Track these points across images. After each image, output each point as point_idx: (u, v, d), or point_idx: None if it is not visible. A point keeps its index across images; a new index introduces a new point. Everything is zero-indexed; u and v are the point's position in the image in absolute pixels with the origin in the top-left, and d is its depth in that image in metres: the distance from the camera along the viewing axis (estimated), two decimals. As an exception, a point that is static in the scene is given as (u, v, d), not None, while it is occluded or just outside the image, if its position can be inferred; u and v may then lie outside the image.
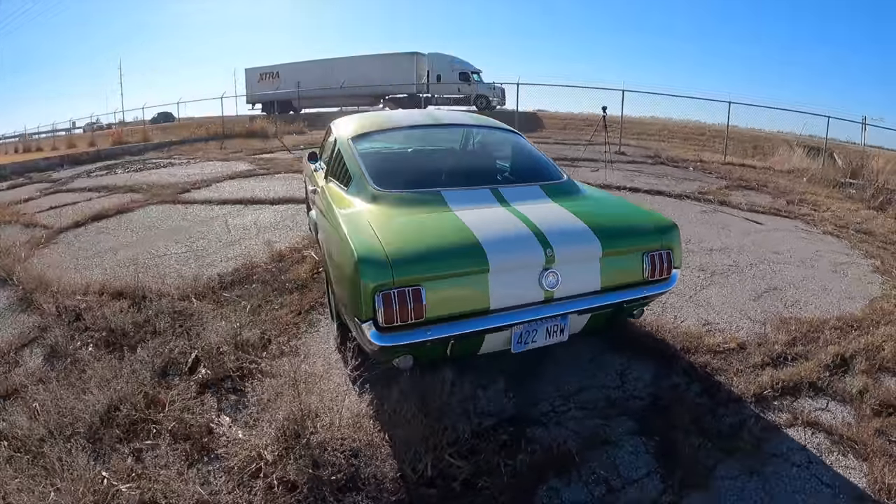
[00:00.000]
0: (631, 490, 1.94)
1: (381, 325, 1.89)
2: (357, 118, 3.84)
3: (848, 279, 4.42)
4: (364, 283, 1.87)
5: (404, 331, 1.91)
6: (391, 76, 22.72)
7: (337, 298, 2.42)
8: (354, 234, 2.13)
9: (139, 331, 3.12)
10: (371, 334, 1.88)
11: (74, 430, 2.05)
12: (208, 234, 5.34)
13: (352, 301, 1.97)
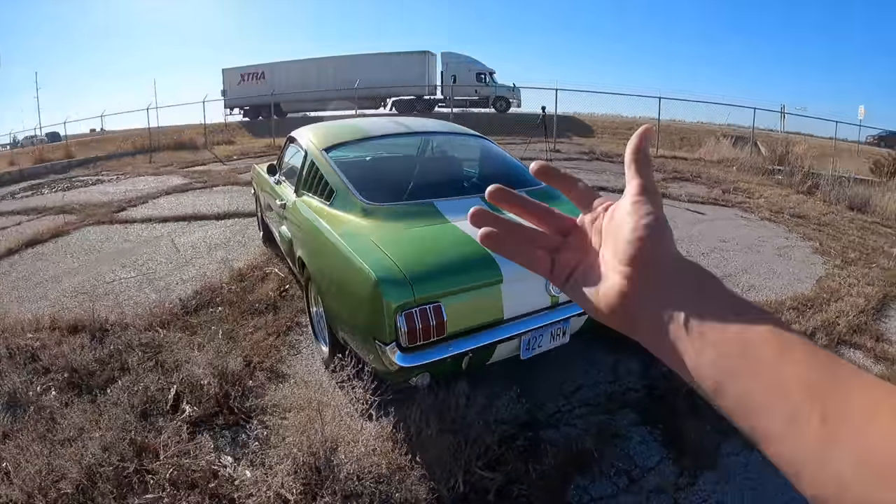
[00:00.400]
0: (650, 477, 2.04)
1: (404, 346, 1.84)
2: (323, 127, 3.72)
3: (793, 262, 4.80)
4: (387, 304, 1.81)
5: (427, 349, 1.87)
6: (399, 76, 21.10)
7: (339, 322, 2.33)
8: (363, 253, 2.05)
9: (105, 368, 2.85)
10: (397, 357, 1.82)
11: (60, 491, 1.83)
12: (156, 255, 5.01)
13: (369, 324, 1.90)
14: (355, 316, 2.09)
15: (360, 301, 1.98)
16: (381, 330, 1.84)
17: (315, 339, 3.03)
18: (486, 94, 21.99)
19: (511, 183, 2.81)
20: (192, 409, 2.45)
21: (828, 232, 5.92)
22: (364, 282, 1.91)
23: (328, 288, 2.41)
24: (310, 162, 3.08)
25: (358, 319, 2.06)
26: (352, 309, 2.12)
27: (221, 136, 17.09)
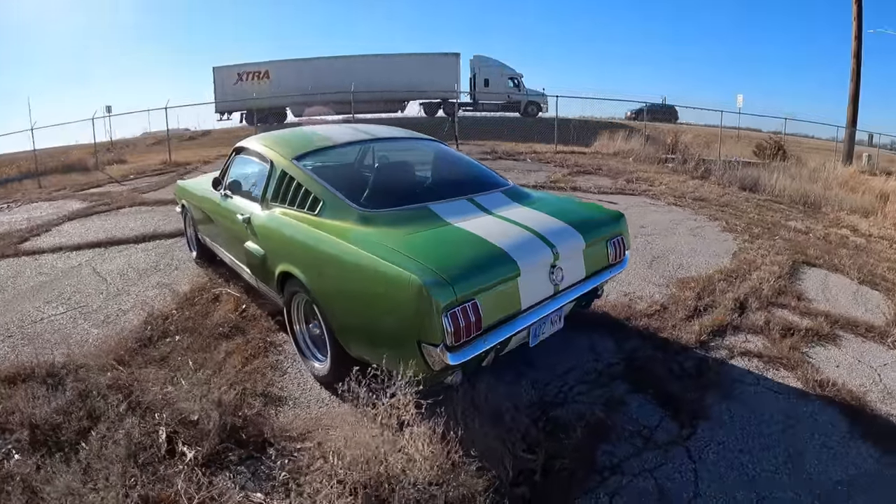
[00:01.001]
0: (659, 434, 2.34)
1: (450, 345, 1.90)
2: (282, 136, 3.60)
3: (707, 240, 5.45)
4: (435, 305, 1.85)
5: (469, 345, 1.95)
6: (424, 79, 19.46)
7: (356, 335, 2.32)
8: (393, 259, 2.05)
9: (71, 419, 2.52)
10: (449, 357, 1.88)
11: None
12: (81, 286, 4.53)
13: (411, 328, 1.93)
14: (387, 324, 2.10)
15: (397, 307, 1.99)
16: (429, 331, 1.89)
17: (303, 357, 2.94)
18: (518, 99, 21.68)
19: (484, 184, 2.94)
20: (192, 450, 2.26)
21: (729, 211, 6.79)
22: (404, 286, 1.93)
23: (341, 301, 2.36)
24: (279, 172, 2.98)
25: (392, 326, 2.06)
26: (382, 317, 2.12)
27: (111, 156, 15.54)
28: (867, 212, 7.40)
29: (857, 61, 13.99)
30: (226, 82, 21.22)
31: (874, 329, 3.42)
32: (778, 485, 2.08)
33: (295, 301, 2.83)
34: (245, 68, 21.28)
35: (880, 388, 2.77)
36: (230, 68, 21.44)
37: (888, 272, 4.66)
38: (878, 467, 2.19)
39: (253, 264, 3.15)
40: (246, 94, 19.62)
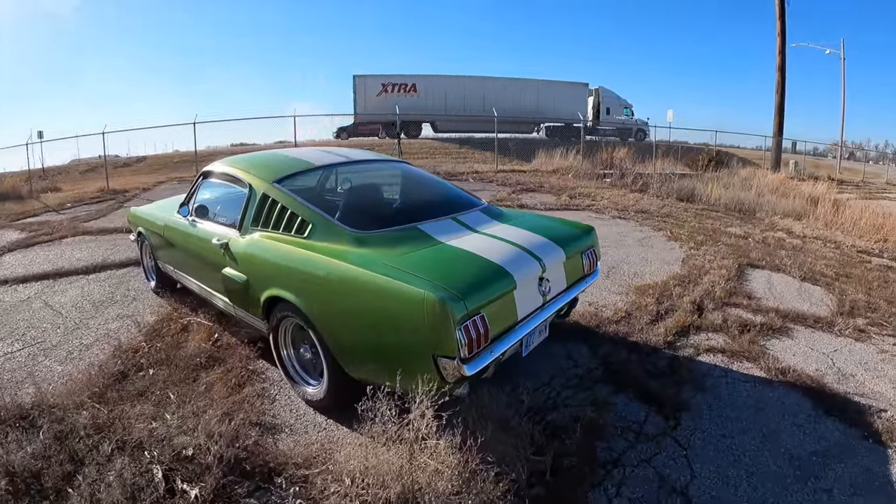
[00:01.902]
0: (647, 427, 2.53)
1: (463, 357, 1.97)
2: (256, 159, 3.56)
3: (655, 249, 5.83)
4: (453, 318, 1.92)
5: (478, 356, 2.04)
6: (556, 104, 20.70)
7: (360, 354, 2.34)
8: (401, 277, 2.10)
9: (51, 464, 2.35)
10: (466, 367, 1.95)
11: None
12: (35, 321, 4.23)
13: (425, 343, 1.99)
14: (398, 341, 2.13)
15: (411, 323, 2.03)
16: (445, 345, 1.95)
17: (292, 382, 2.90)
18: (629, 126, 23.64)
19: (464, 204, 3.05)
20: (195, 487, 2.15)
21: (671, 221, 7.28)
22: (418, 303, 1.98)
23: (343, 322, 2.36)
24: (260, 196, 2.94)
25: (404, 343, 2.10)
26: (392, 334, 2.15)
27: (45, 184, 14.57)
28: (799, 215, 8.18)
29: (781, 74, 15.38)
30: (368, 92, 21.12)
31: (821, 320, 3.84)
32: (761, 460, 2.32)
33: (283, 326, 2.79)
34: (391, 80, 21.57)
35: (834, 371, 3.13)
36: (374, 78, 21.50)
37: (826, 269, 5.22)
38: (844, 438, 2.48)
39: (232, 291, 3.05)
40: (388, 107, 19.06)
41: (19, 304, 4.67)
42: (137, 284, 5.02)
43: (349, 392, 2.49)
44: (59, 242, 7.43)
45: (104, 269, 5.70)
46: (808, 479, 2.20)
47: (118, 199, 11.05)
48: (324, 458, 2.26)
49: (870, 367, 3.18)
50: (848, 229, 7.08)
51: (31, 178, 14.02)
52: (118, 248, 6.60)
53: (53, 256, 6.45)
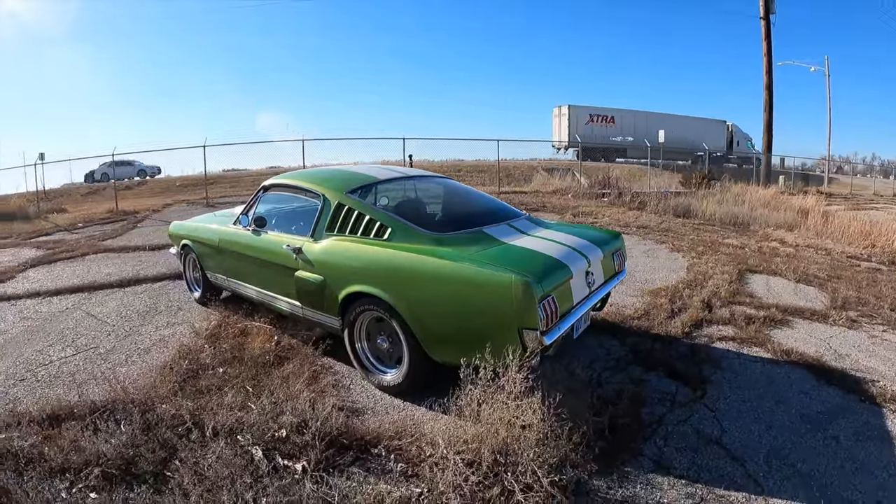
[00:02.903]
0: (679, 396, 2.98)
1: (543, 330, 2.40)
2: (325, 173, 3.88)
3: (660, 259, 6.31)
4: (537, 296, 2.36)
5: (552, 330, 2.48)
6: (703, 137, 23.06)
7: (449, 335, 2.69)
8: (489, 267, 2.53)
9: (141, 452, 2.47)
10: (546, 337, 2.40)
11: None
12: (81, 329, 4.37)
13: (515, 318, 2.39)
14: (486, 319, 2.51)
15: (500, 302, 2.42)
16: (530, 319, 2.37)
17: (366, 372, 3.20)
18: (751, 155, 26.21)
19: (510, 213, 3.52)
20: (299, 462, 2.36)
21: (672, 235, 7.81)
22: (507, 285, 2.40)
23: (432, 309, 2.71)
24: (335, 205, 3.30)
25: (493, 320, 2.49)
26: (482, 314, 2.53)
27: (51, 205, 14.72)
28: (791, 226, 8.79)
29: (769, 93, 16.26)
30: (579, 120, 25.47)
31: (816, 313, 4.34)
32: (777, 418, 2.76)
33: (359, 320, 3.13)
34: (595, 111, 25.63)
35: (832, 352, 3.60)
36: (584, 109, 25.72)
37: (818, 272, 5.77)
38: (844, 402, 2.94)
39: (305, 292, 3.34)
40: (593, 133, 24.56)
41: (59, 314, 4.81)
42: (178, 296, 5.22)
43: (425, 376, 2.88)
44: (81, 259, 7.57)
45: (139, 283, 5.84)
46: (817, 430, 2.64)
47: (130, 220, 11.24)
48: (413, 431, 2.57)
49: (863, 348, 3.66)
50: (838, 237, 7.67)
51: (33, 200, 14.16)
52: (145, 264, 6.80)
53: (81, 271, 6.59)
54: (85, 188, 19.11)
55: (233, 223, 4.21)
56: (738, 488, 2.21)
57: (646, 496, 2.17)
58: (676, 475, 2.30)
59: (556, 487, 2.08)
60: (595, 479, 2.25)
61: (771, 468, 2.34)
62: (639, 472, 2.31)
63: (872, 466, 2.34)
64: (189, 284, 5.14)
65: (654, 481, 2.26)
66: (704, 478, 2.28)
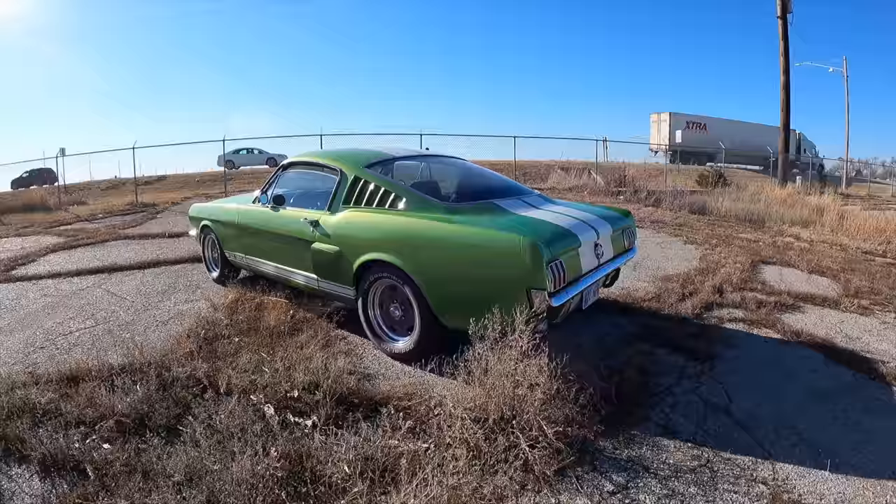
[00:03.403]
0: (688, 370, 3.00)
1: (551, 292, 2.45)
2: (337, 151, 4.00)
3: (674, 250, 6.30)
4: (545, 257, 2.42)
5: (560, 293, 2.52)
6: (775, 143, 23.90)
7: (461, 298, 2.76)
8: (500, 231, 2.62)
9: (156, 408, 2.54)
10: (553, 299, 2.45)
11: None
12: (101, 305, 4.50)
13: (524, 278, 2.45)
14: (497, 280, 2.58)
15: (510, 263, 2.49)
16: (538, 279, 2.43)
17: (378, 340, 3.27)
18: (815, 161, 28.16)
19: (520, 189, 3.60)
20: (309, 418, 2.42)
21: (686, 230, 7.80)
22: (516, 246, 2.47)
23: (445, 274, 2.79)
24: (351, 179, 3.40)
25: (503, 281, 2.55)
26: (492, 275, 2.60)
27: (71, 197, 15.08)
28: (806, 223, 8.72)
29: (786, 93, 16.08)
30: (678, 126, 28.24)
31: (828, 300, 4.32)
32: (784, 391, 2.77)
33: (373, 289, 3.21)
34: (691, 119, 28.83)
35: (843, 335, 3.59)
36: (682, 116, 28.61)
37: (832, 264, 5.72)
38: (854, 379, 2.93)
39: (321, 263, 3.44)
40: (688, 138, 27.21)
41: (79, 291, 4.95)
42: (197, 276, 5.36)
43: (436, 344, 2.94)
44: (101, 245, 7.75)
45: (158, 265, 5.99)
46: (825, 404, 2.64)
47: (150, 212, 11.45)
48: (422, 393, 2.63)
49: (874, 333, 3.63)
50: (853, 234, 7.57)
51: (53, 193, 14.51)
52: (165, 249, 6.95)
53: (101, 255, 6.73)
54: (105, 182, 19.48)
55: (252, 202, 4.33)
56: (745, 452, 2.22)
57: (652, 457, 2.19)
58: (683, 439, 2.32)
59: (562, 441, 2.11)
60: (601, 439, 2.28)
61: (779, 436, 2.35)
62: (645, 435, 2.34)
63: (882, 438, 2.33)
64: (207, 264, 5.27)
65: (660, 444, 2.28)
66: (711, 442, 2.29)
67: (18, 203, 13.33)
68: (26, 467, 2.17)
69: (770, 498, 1.95)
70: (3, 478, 2.12)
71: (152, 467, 2.07)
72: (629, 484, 2.03)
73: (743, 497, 1.96)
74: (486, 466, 2.02)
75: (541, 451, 2.07)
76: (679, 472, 2.10)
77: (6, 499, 2.01)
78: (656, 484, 2.03)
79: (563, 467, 2.06)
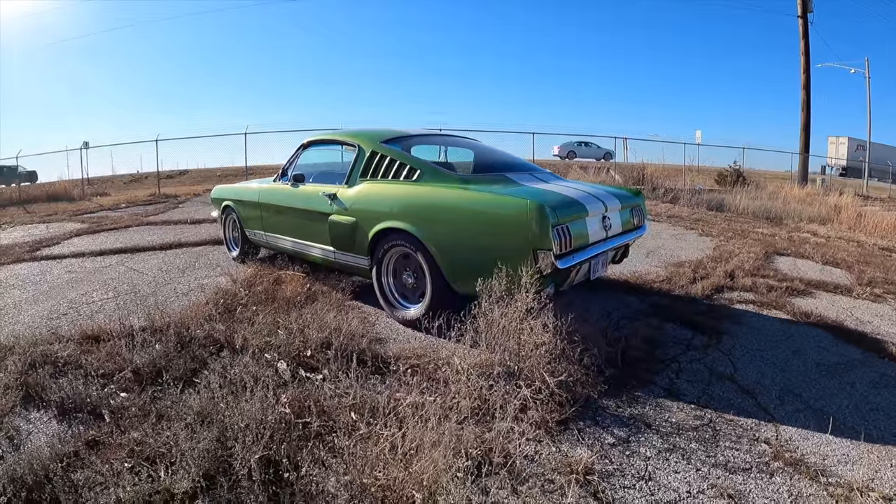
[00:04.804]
0: (695, 342, 3.04)
1: (557, 254, 2.51)
2: (355, 129, 4.03)
3: (688, 241, 6.30)
4: (551, 219, 2.49)
5: (565, 257, 2.58)
6: None
7: (470, 262, 2.81)
8: (508, 196, 2.69)
9: (172, 363, 2.62)
10: (559, 262, 2.51)
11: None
12: (123, 279, 4.66)
13: (528, 242, 2.52)
14: (505, 242, 2.64)
15: (518, 225, 2.56)
16: (544, 240, 2.49)
17: (390, 307, 3.35)
18: None
19: (532, 168, 3.68)
20: (320, 374, 2.50)
21: (702, 224, 7.79)
22: (523, 208, 2.54)
23: (457, 239, 2.85)
24: (369, 153, 3.50)
25: (511, 242, 2.61)
26: (501, 237, 2.66)
27: (94, 189, 15.50)
28: (824, 220, 8.62)
29: (806, 93, 15.82)
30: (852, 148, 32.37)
31: (840, 287, 4.30)
32: (791, 364, 2.77)
33: (387, 257, 3.30)
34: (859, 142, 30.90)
35: (853, 318, 3.56)
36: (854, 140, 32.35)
37: (847, 257, 5.67)
38: (862, 357, 2.92)
39: (337, 234, 3.54)
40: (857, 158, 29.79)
41: (102, 268, 5.13)
42: (217, 256, 5.51)
43: (443, 309, 2.97)
44: (124, 230, 7.97)
45: (179, 247, 6.17)
46: (833, 377, 2.64)
47: (172, 202, 11.74)
48: (431, 354, 2.70)
49: (885, 318, 3.60)
50: (871, 231, 7.47)
51: (80, 183, 14.93)
52: (186, 233, 7.13)
53: (124, 238, 6.94)
54: (128, 176, 19.93)
55: (273, 181, 4.49)
56: (748, 416, 2.24)
57: (654, 416, 2.23)
58: (686, 401, 2.35)
59: (564, 395, 2.16)
60: (604, 398, 2.32)
61: (783, 402, 2.36)
62: (649, 397, 2.37)
63: (889, 409, 2.33)
64: (228, 244, 5.43)
65: (663, 404, 2.32)
66: (714, 405, 2.32)
67: (42, 193, 13.73)
68: (45, 411, 2.28)
69: (772, 456, 1.97)
70: (22, 420, 2.23)
71: (166, 411, 2.17)
72: (630, 438, 2.06)
73: (745, 454, 1.98)
74: (488, 414, 2.08)
75: (543, 401, 2.12)
76: (681, 429, 2.13)
77: (23, 437, 2.12)
78: (658, 439, 2.06)
79: (564, 419, 2.11)
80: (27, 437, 2.09)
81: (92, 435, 2.05)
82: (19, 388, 2.43)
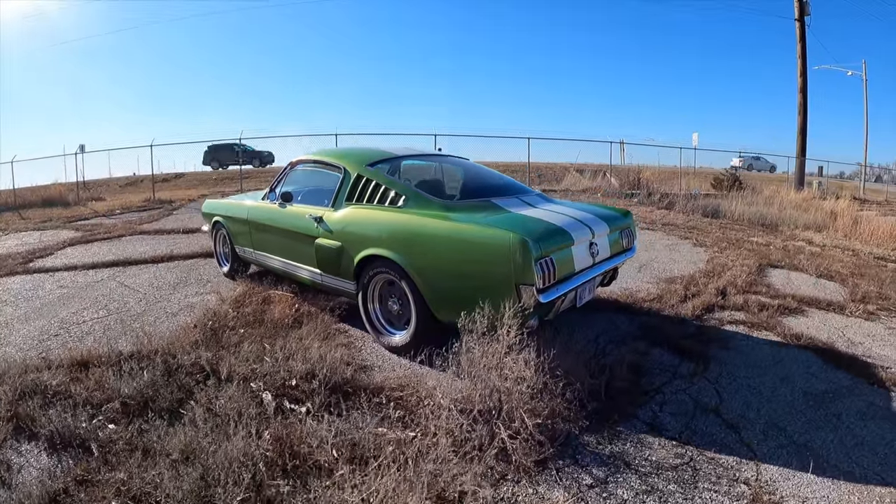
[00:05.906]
0: (681, 369, 3.00)
1: (539, 288, 2.48)
2: (341, 149, 4.16)
3: (682, 253, 6.25)
4: (534, 253, 2.45)
5: (549, 290, 2.55)
6: None
7: (452, 293, 2.80)
8: (492, 228, 2.65)
9: (160, 392, 2.64)
10: (541, 296, 2.48)
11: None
12: (114, 296, 4.66)
13: (511, 275, 2.49)
14: (487, 275, 2.62)
15: (500, 259, 2.53)
16: (526, 275, 2.46)
17: (376, 333, 3.35)
18: None
19: (520, 189, 3.65)
20: (304, 406, 2.51)
21: (697, 233, 7.72)
22: (506, 242, 2.51)
23: (439, 268, 2.84)
24: (354, 177, 3.49)
25: (493, 276, 2.59)
26: (483, 270, 2.64)
27: (89, 193, 15.48)
28: (820, 227, 8.58)
29: (803, 96, 15.76)
30: None
31: (833, 304, 4.25)
32: (778, 394, 2.74)
33: (372, 283, 3.28)
34: None
35: (845, 339, 3.53)
36: None
37: (841, 269, 5.62)
38: (852, 384, 2.88)
39: (324, 258, 3.53)
40: None
41: (94, 283, 5.12)
42: (208, 271, 5.49)
43: (427, 337, 2.99)
44: (118, 239, 7.97)
45: (171, 260, 6.16)
46: (819, 407, 2.61)
47: (166, 208, 11.70)
48: (415, 384, 2.69)
49: (877, 338, 3.57)
50: (866, 239, 7.43)
51: (75, 188, 14.90)
52: (179, 244, 7.11)
53: (116, 249, 6.94)
54: (123, 179, 19.93)
55: (261, 198, 4.46)
56: (730, 453, 2.22)
57: (635, 453, 2.21)
58: (668, 437, 2.33)
59: (543, 434, 2.14)
60: (585, 434, 2.31)
61: (767, 437, 2.34)
62: (630, 432, 2.35)
63: (874, 443, 2.31)
64: (219, 259, 5.41)
65: (645, 441, 2.30)
66: (696, 441, 2.30)
67: (37, 198, 13.71)
68: (35, 444, 2.30)
69: (750, 498, 1.95)
70: (13, 453, 2.25)
71: (152, 446, 2.18)
72: (608, 479, 2.04)
73: (723, 497, 1.96)
74: (465, 455, 2.07)
75: (521, 442, 2.10)
76: (660, 469, 2.11)
77: (14, 472, 2.13)
78: (636, 479, 2.04)
79: (543, 459, 2.10)
80: (18, 472, 2.11)
81: (81, 470, 2.07)
82: (10, 419, 2.45)
